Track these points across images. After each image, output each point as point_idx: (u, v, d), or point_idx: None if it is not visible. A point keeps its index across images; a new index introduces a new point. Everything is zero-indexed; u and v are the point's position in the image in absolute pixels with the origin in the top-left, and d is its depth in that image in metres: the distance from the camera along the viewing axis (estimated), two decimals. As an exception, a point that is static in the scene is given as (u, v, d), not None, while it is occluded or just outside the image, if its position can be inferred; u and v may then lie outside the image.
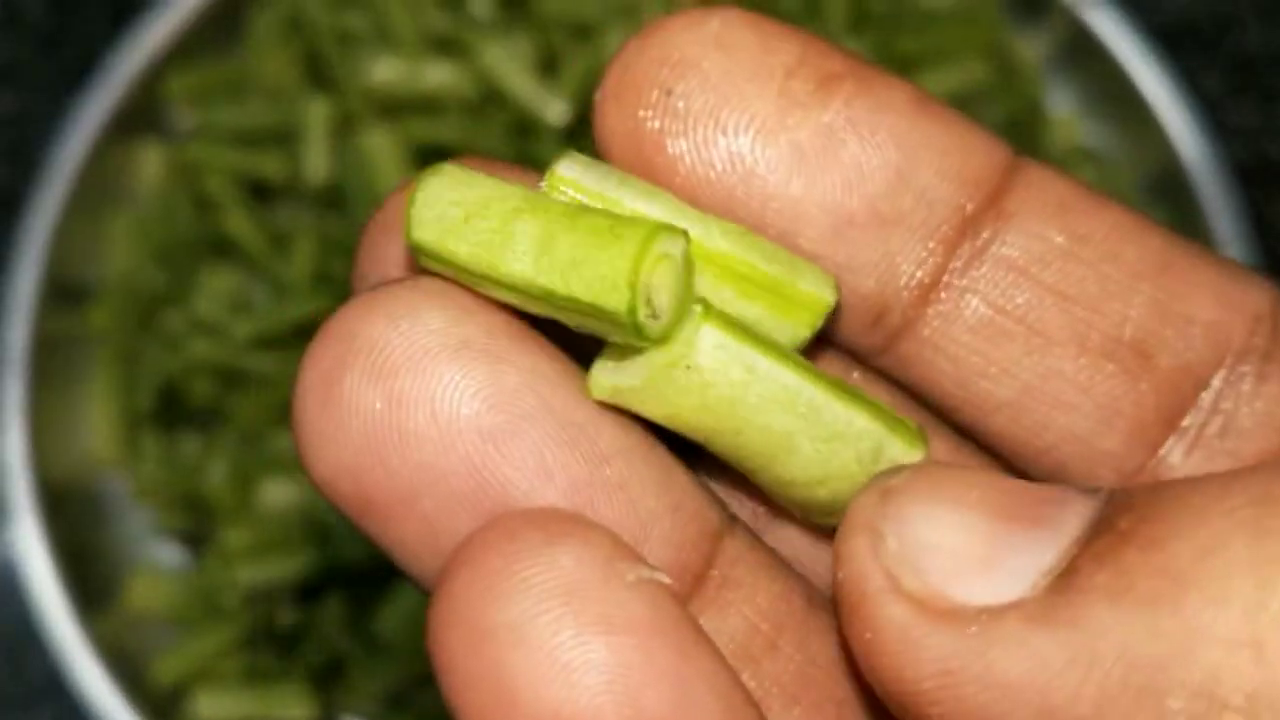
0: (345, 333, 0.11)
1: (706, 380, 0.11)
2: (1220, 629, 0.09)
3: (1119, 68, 0.56)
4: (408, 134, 0.49)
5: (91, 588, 0.49)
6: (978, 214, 0.13)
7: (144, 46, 0.55)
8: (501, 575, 0.10)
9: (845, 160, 0.12)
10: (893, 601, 0.10)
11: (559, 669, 0.10)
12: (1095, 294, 0.12)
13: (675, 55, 0.12)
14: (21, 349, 0.51)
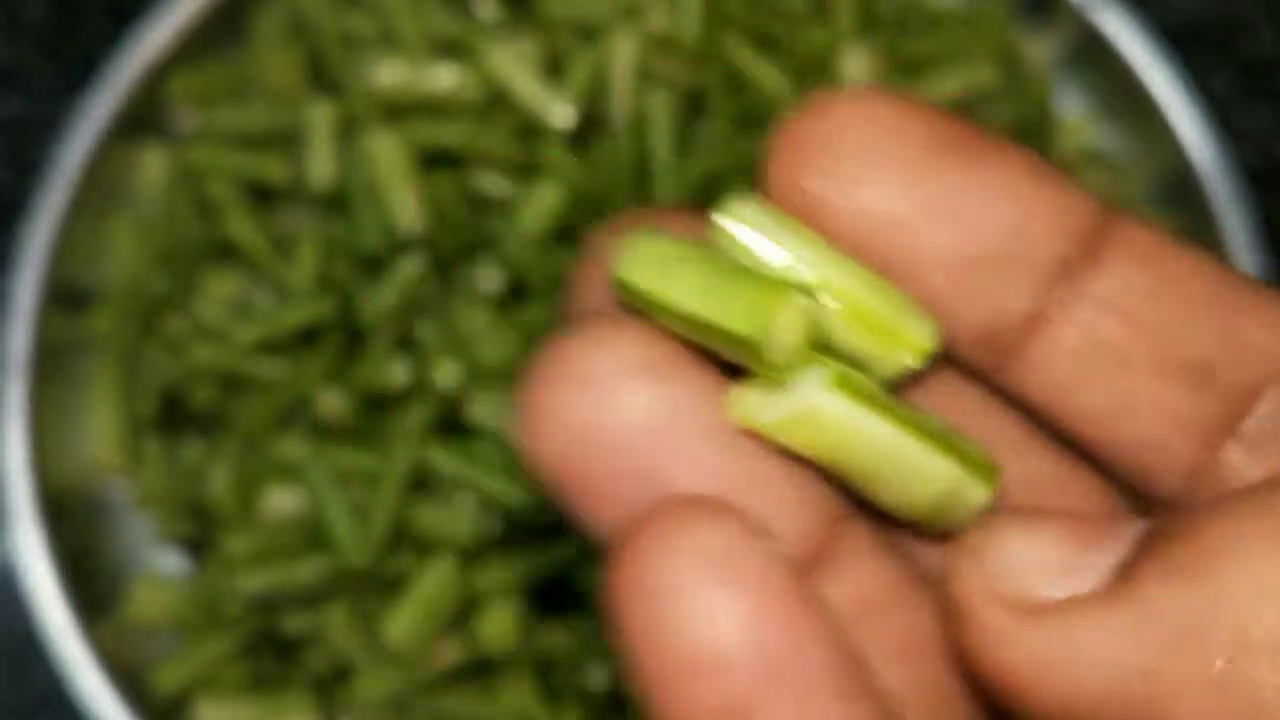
0: (562, 351, 0.15)
1: (818, 422, 0.15)
2: (1246, 587, 0.12)
3: (1129, 70, 0.56)
4: (412, 137, 0.49)
5: (93, 595, 0.49)
6: (1076, 259, 0.16)
7: (146, 49, 0.55)
8: (662, 545, 0.14)
9: (969, 215, 0.16)
10: (992, 605, 0.13)
11: (703, 616, 0.13)
12: (1168, 325, 0.16)
13: (833, 126, 0.16)
14: (23, 354, 0.50)
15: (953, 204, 0.15)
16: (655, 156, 0.49)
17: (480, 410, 0.46)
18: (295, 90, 0.53)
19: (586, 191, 0.49)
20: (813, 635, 0.14)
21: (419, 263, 0.48)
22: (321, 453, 0.45)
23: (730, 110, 0.50)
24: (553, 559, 0.46)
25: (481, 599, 0.45)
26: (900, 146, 0.15)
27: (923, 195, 0.15)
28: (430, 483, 0.47)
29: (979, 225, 0.15)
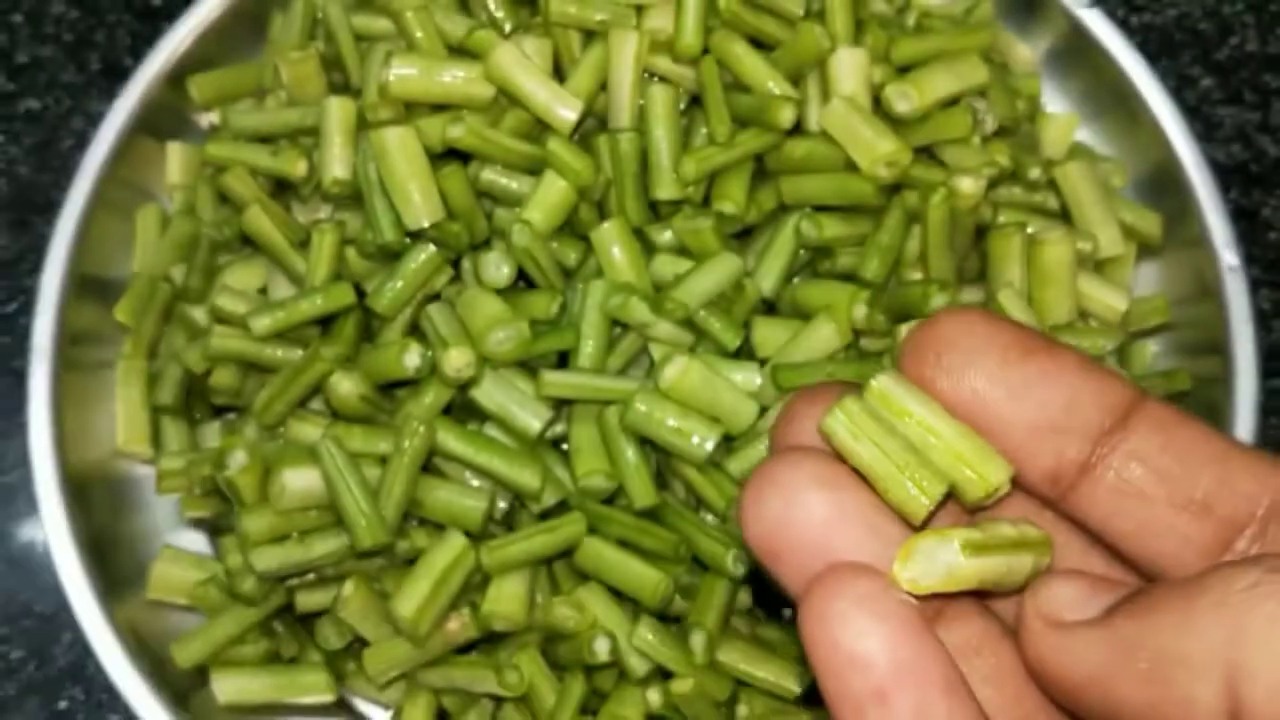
0: (769, 467, 0.22)
1: (956, 578, 0.22)
2: (1170, 625, 0.19)
3: (1114, 68, 0.57)
4: (423, 133, 0.50)
5: (116, 574, 0.50)
6: (1113, 426, 0.22)
7: (169, 50, 0.56)
8: (832, 591, 0.21)
9: (1037, 396, 0.22)
10: (1038, 620, 0.21)
11: (857, 634, 0.21)
12: (1179, 474, 0.22)
13: (941, 335, 0.23)
14: (48, 342, 0.52)
15: (1026, 388, 0.22)
16: (656, 153, 0.51)
17: (489, 395, 0.47)
18: (311, 89, 0.54)
19: (590, 186, 0.50)
20: (929, 652, 0.21)
21: (430, 254, 0.49)
22: (336, 435, 0.46)
23: (728, 109, 0.51)
24: (558, 538, 0.47)
25: (490, 576, 0.47)
26: (989, 350, 0.23)
27: (1005, 382, 0.22)
28: (441, 464, 0.48)
29: (1044, 403, 0.22)
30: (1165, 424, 0.22)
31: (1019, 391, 0.22)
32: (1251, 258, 0.62)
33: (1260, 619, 0.18)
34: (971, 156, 0.51)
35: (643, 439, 0.47)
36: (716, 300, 0.49)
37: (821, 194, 0.51)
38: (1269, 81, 0.66)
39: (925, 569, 0.22)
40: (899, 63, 0.53)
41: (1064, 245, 0.51)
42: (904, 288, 0.47)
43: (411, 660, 0.47)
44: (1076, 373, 0.22)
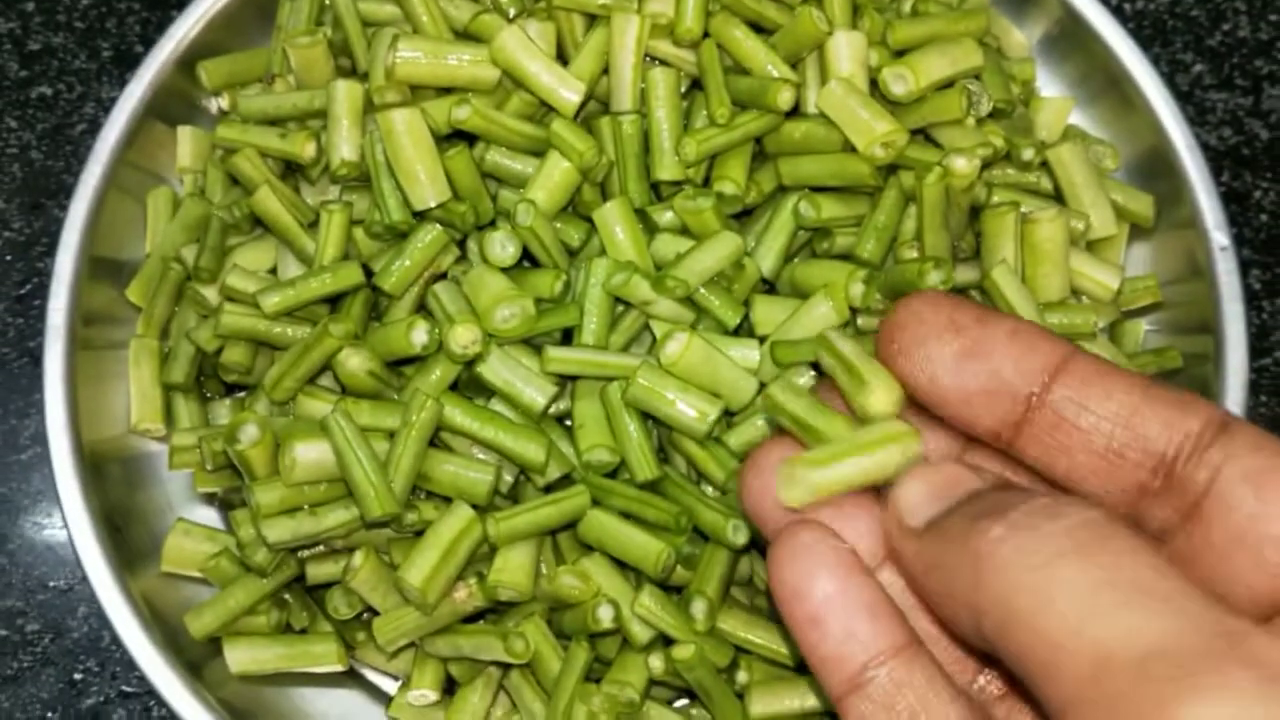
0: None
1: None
2: (952, 563, 0.23)
3: (1108, 53, 0.58)
4: (430, 116, 0.51)
5: (131, 548, 0.51)
6: (1042, 386, 0.25)
7: (179, 36, 0.57)
8: (782, 542, 0.26)
9: (969, 368, 0.26)
10: (888, 519, 0.26)
11: (796, 574, 0.25)
12: (1091, 425, 0.25)
13: (897, 322, 0.27)
14: (63, 322, 0.53)
15: (959, 362, 0.25)
16: (658, 135, 0.52)
17: (494, 371, 0.48)
18: (320, 73, 0.55)
19: (593, 167, 0.51)
20: (855, 584, 0.25)
21: (436, 233, 0.50)
22: (345, 409, 0.47)
23: (728, 92, 0.52)
24: (563, 510, 0.48)
25: (497, 547, 0.48)
26: (931, 332, 0.26)
27: (942, 360, 0.26)
28: (448, 439, 0.49)
29: (975, 373, 0.25)
30: (1086, 378, 0.24)
31: (953, 366, 0.25)
32: (1242, 239, 0.64)
33: (992, 568, 0.22)
34: (966, 138, 0.52)
35: (645, 414, 0.48)
36: (717, 279, 0.50)
37: (819, 175, 0.52)
38: (1260, 67, 0.67)
39: (795, 491, 0.26)
40: (895, 46, 0.54)
41: (1057, 224, 0.52)
42: (900, 266, 0.49)
43: (420, 629, 0.48)
44: (1005, 341, 0.25)
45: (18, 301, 0.62)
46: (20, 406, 0.60)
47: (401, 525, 0.48)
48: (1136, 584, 0.20)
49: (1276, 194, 0.65)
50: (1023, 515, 0.22)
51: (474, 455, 0.49)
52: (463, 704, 0.50)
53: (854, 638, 0.24)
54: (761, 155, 0.54)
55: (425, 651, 0.50)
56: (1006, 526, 0.22)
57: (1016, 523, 0.22)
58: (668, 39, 0.53)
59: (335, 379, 0.50)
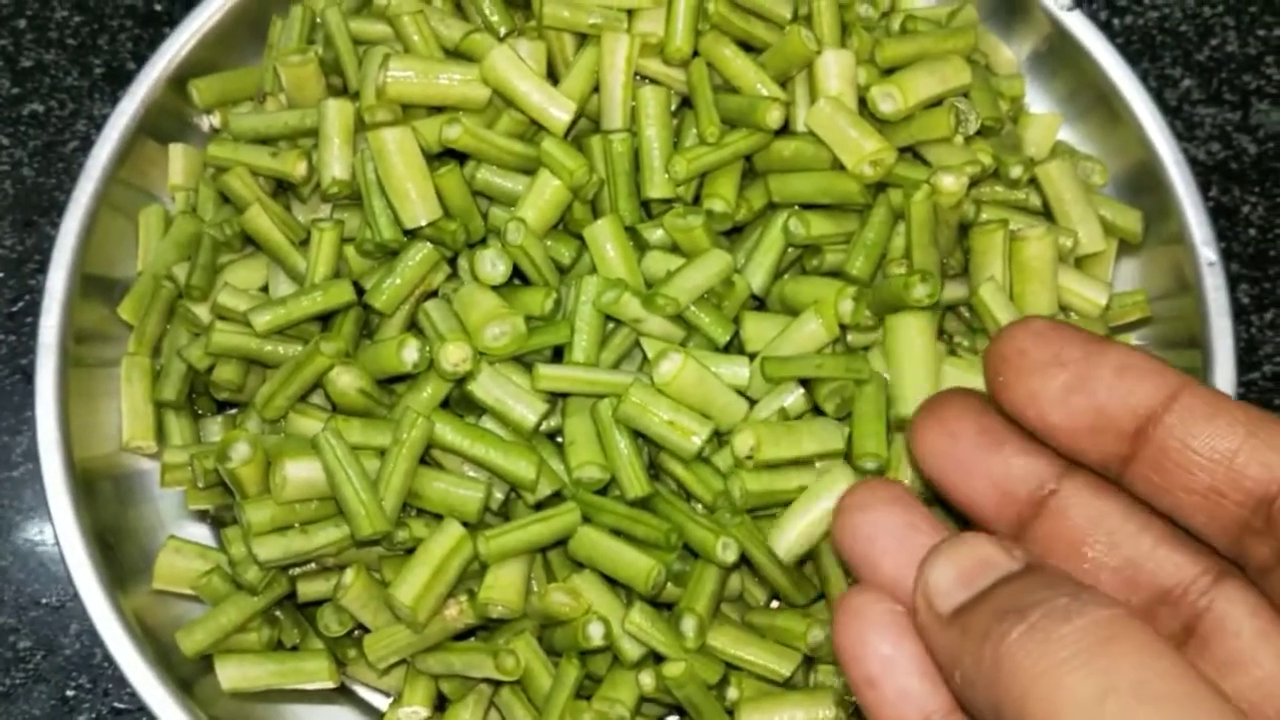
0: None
1: None
2: (974, 656, 0.23)
3: (1097, 69, 0.58)
4: (421, 134, 0.51)
5: (122, 565, 0.51)
6: (1148, 419, 0.25)
7: (170, 54, 0.57)
8: (839, 608, 0.26)
9: (1074, 404, 0.25)
10: (919, 599, 0.25)
11: (852, 638, 0.26)
12: (1195, 462, 0.25)
13: (999, 353, 0.26)
14: (54, 339, 0.53)
15: (1065, 397, 0.25)
16: (648, 153, 0.52)
17: (485, 388, 0.49)
18: (311, 92, 0.55)
19: (584, 185, 0.52)
20: (907, 648, 0.25)
21: (427, 251, 0.50)
22: (336, 428, 0.47)
23: (718, 110, 0.52)
24: (553, 527, 0.48)
25: (488, 564, 0.48)
26: (1035, 366, 0.26)
27: (1048, 395, 0.25)
28: (439, 456, 0.49)
29: (1080, 410, 0.25)
30: (1191, 415, 0.24)
31: (1059, 401, 0.25)
32: (1231, 253, 0.64)
33: (1008, 670, 0.22)
34: (954, 155, 0.53)
35: (635, 432, 0.48)
36: (707, 296, 0.50)
37: (809, 192, 0.52)
38: (1248, 82, 0.67)
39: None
40: (884, 65, 0.54)
41: (1045, 241, 0.52)
42: (888, 280, 0.49)
43: (411, 646, 0.48)
44: (1111, 377, 0.25)
45: (9, 319, 0.62)
46: (12, 423, 0.60)
47: (392, 543, 0.48)
48: (1143, 690, 0.20)
49: (1265, 208, 0.65)
50: (1041, 616, 0.22)
51: (465, 473, 0.49)
52: (454, 721, 0.50)
53: (908, 698, 0.24)
54: (751, 173, 0.54)
55: (416, 668, 0.50)
56: (1025, 629, 0.22)
57: (1035, 625, 0.22)
58: (658, 58, 0.53)
59: (326, 397, 0.51)
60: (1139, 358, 0.25)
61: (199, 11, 0.58)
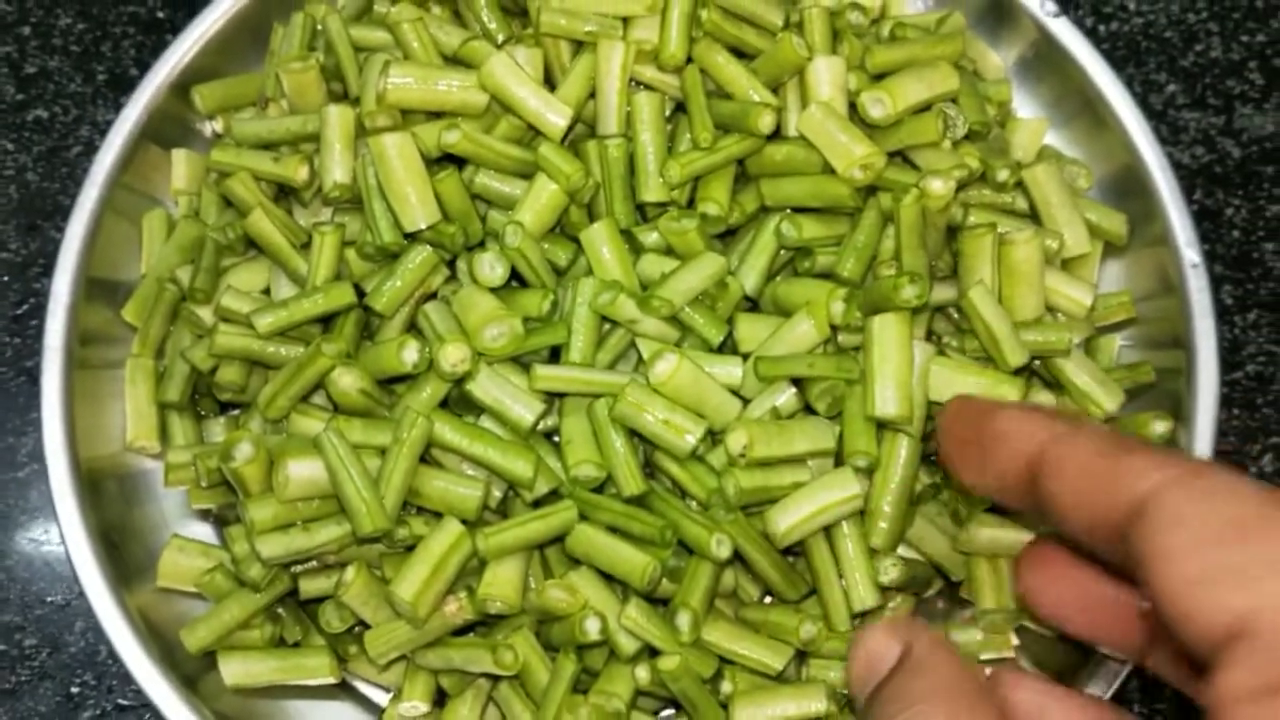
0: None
1: None
2: None
3: (1083, 75, 0.59)
4: (420, 139, 0.52)
5: (127, 564, 0.52)
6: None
7: (173, 61, 0.58)
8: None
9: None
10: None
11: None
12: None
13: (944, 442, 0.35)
14: (59, 342, 0.53)
15: (987, 457, 0.31)
16: (643, 157, 0.53)
17: (484, 388, 0.50)
18: (312, 98, 0.56)
19: (580, 189, 0.53)
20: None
21: (427, 254, 0.51)
22: (338, 427, 0.48)
23: (711, 115, 0.53)
24: (551, 524, 0.49)
25: (486, 561, 0.49)
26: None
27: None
28: (438, 456, 0.50)
29: (999, 465, 0.31)
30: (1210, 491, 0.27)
31: (980, 471, 0.32)
32: (1214, 255, 0.65)
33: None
34: (943, 160, 0.54)
35: (631, 431, 0.49)
36: (701, 297, 0.51)
37: (800, 196, 0.53)
38: (1232, 87, 0.69)
39: None
40: (874, 71, 0.55)
41: (1032, 245, 0.53)
42: (877, 281, 0.50)
43: (411, 642, 0.49)
44: (995, 444, 0.31)
45: (14, 321, 0.63)
46: (17, 425, 0.61)
47: (393, 540, 0.49)
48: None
49: (1248, 211, 0.66)
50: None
51: (463, 471, 0.50)
52: (452, 716, 0.51)
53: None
54: (744, 177, 0.55)
55: (416, 664, 0.51)
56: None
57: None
58: (652, 64, 0.54)
59: (328, 397, 0.51)
60: (1017, 418, 0.30)
61: (201, 19, 0.59)
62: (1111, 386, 0.54)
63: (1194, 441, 0.52)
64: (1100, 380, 0.54)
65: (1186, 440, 0.52)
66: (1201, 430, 0.52)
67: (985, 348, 0.52)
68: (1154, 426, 0.53)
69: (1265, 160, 0.67)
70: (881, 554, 0.50)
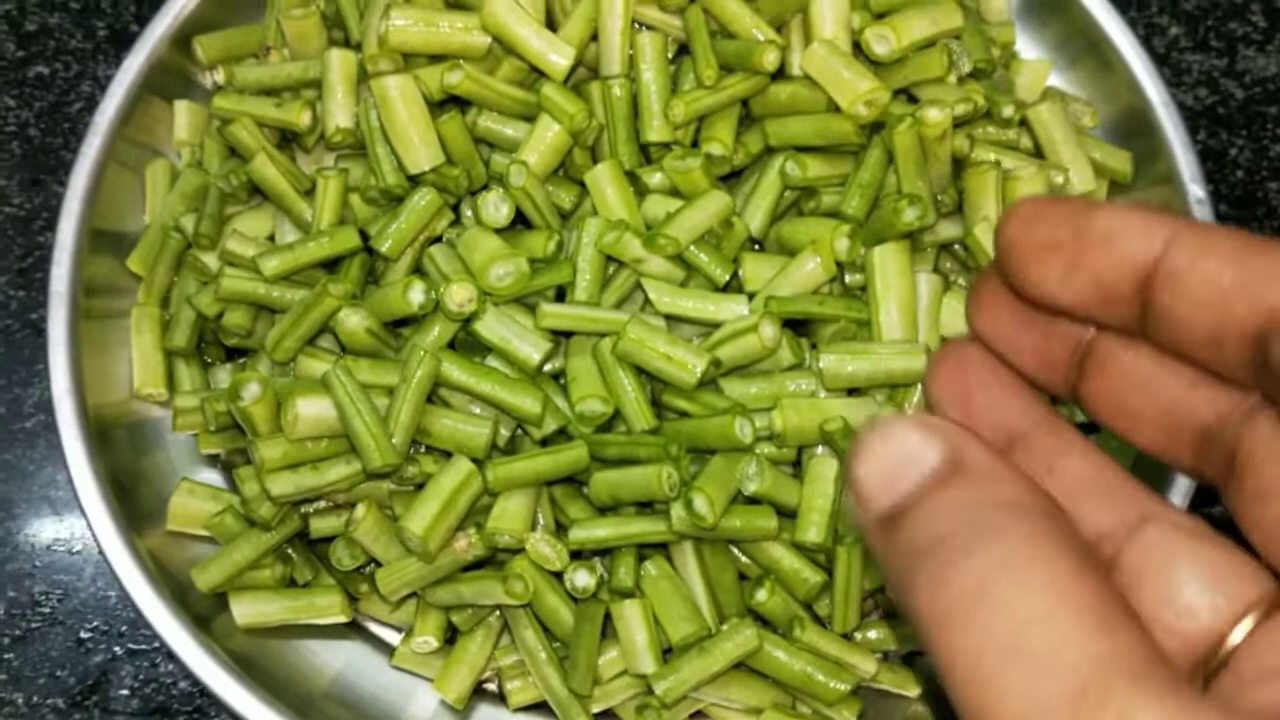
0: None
1: None
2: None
3: (1087, 17, 0.59)
4: (423, 82, 0.52)
5: (138, 509, 0.52)
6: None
7: (174, 12, 0.58)
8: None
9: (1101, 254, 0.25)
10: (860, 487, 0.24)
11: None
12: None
13: (1006, 245, 0.25)
14: (65, 289, 0.53)
15: (1077, 265, 0.25)
16: (646, 98, 0.53)
17: (490, 328, 0.50)
18: (313, 44, 0.56)
19: (583, 130, 0.53)
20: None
21: (431, 196, 0.51)
22: (346, 366, 0.48)
23: (715, 55, 0.53)
24: (560, 461, 0.49)
25: (495, 494, 0.49)
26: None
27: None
28: (446, 395, 0.50)
29: (1097, 272, 0.24)
30: (1182, 260, 0.24)
31: (1063, 284, 0.25)
32: (1219, 195, 0.65)
33: (917, 612, 0.21)
34: (948, 94, 0.54)
35: (638, 368, 0.49)
36: (706, 237, 0.51)
37: (805, 135, 0.53)
38: (1235, 29, 0.69)
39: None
40: (877, 9, 0.55)
41: (1037, 181, 0.53)
42: (878, 210, 0.50)
43: (422, 579, 0.49)
44: (1101, 248, 0.25)
45: (19, 274, 0.63)
46: (24, 376, 0.61)
47: (402, 478, 0.49)
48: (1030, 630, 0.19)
49: (1252, 151, 0.66)
50: (939, 567, 0.21)
51: (472, 410, 0.50)
52: (463, 651, 0.51)
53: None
54: (748, 118, 0.55)
55: (427, 601, 0.51)
56: (926, 579, 0.21)
57: (934, 577, 0.21)
58: (654, 4, 0.54)
59: (335, 340, 0.51)
60: (1125, 216, 0.24)
61: (201, -30, 0.59)
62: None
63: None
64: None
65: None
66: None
67: (991, 284, 0.52)
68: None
69: (1269, 101, 0.67)
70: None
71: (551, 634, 0.50)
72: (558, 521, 0.51)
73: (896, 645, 0.52)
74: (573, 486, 0.51)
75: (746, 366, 0.51)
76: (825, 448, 0.50)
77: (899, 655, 0.52)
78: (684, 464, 0.48)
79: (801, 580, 0.49)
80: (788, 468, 0.50)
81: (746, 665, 0.49)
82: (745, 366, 0.50)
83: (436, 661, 0.52)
